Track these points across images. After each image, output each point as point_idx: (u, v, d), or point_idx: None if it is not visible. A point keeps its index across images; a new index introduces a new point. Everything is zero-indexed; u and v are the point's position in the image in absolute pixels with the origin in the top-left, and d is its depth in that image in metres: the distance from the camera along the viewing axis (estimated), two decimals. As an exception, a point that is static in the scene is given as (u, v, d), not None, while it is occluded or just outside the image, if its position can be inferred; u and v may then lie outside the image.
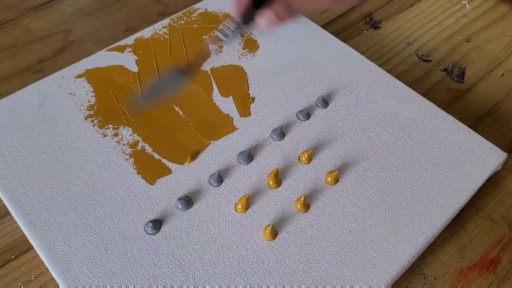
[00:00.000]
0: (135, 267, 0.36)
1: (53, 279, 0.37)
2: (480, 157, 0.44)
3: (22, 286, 0.38)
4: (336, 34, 0.55)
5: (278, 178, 0.41)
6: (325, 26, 0.56)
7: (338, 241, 0.38)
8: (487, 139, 0.45)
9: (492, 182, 0.45)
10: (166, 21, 0.54)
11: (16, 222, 0.40)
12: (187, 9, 0.56)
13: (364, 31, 0.60)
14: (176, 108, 0.46)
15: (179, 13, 0.55)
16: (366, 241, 0.38)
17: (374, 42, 0.59)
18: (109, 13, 0.60)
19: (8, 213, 0.41)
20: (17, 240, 0.40)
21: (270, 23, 0.33)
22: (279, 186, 0.41)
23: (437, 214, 0.40)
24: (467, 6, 0.64)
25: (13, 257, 0.39)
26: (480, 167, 0.43)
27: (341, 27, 0.60)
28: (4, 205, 0.41)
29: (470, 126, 0.46)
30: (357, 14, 0.62)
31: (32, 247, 0.39)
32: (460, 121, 0.47)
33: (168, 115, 0.46)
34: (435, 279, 0.39)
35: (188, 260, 0.37)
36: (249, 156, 0.42)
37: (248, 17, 0.34)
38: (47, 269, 0.38)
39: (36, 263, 0.39)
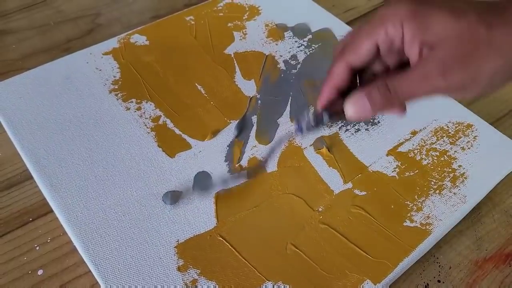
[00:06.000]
0: (151, 233, 0.36)
1: (69, 241, 0.37)
2: (500, 153, 0.44)
3: (38, 247, 0.38)
4: (358, 31, 0.55)
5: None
6: (348, 24, 0.57)
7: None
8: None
9: (511, 180, 0.44)
10: (192, 9, 0.56)
11: (36, 187, 0.40)
12: (213, -1, 0.57)
13: (386, 31, 0.61)
14: (199, 87, 0.47)
15: (205, 2, 0.57)
16: (377, 229, 0.38)
17: (396, 42, 0.59)
18: (138, 0, 0.62)
19: (29, 178, 0.42)
20: (36, 203, 0.41)
21: (360, 112, 0.26)
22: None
23: (455, 204, 0.40)
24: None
25: (30, 219, 0.40)
26: (500, 163, 0.43)
27: (363, 25, 0.61)
28: (25, 170, 0.42)
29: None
30: (379, 15, 0.63)
31: (50, 211, 0.39)
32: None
33: (190, 92, 0.46)
34: (450, 268, 0.38)
35: (204, 231, 0.37)
36: (268, 136, 0.43)
37: (333, 111, 0.28)
38: (63, 233, 0.38)
39: (53, 226, 0.39)
